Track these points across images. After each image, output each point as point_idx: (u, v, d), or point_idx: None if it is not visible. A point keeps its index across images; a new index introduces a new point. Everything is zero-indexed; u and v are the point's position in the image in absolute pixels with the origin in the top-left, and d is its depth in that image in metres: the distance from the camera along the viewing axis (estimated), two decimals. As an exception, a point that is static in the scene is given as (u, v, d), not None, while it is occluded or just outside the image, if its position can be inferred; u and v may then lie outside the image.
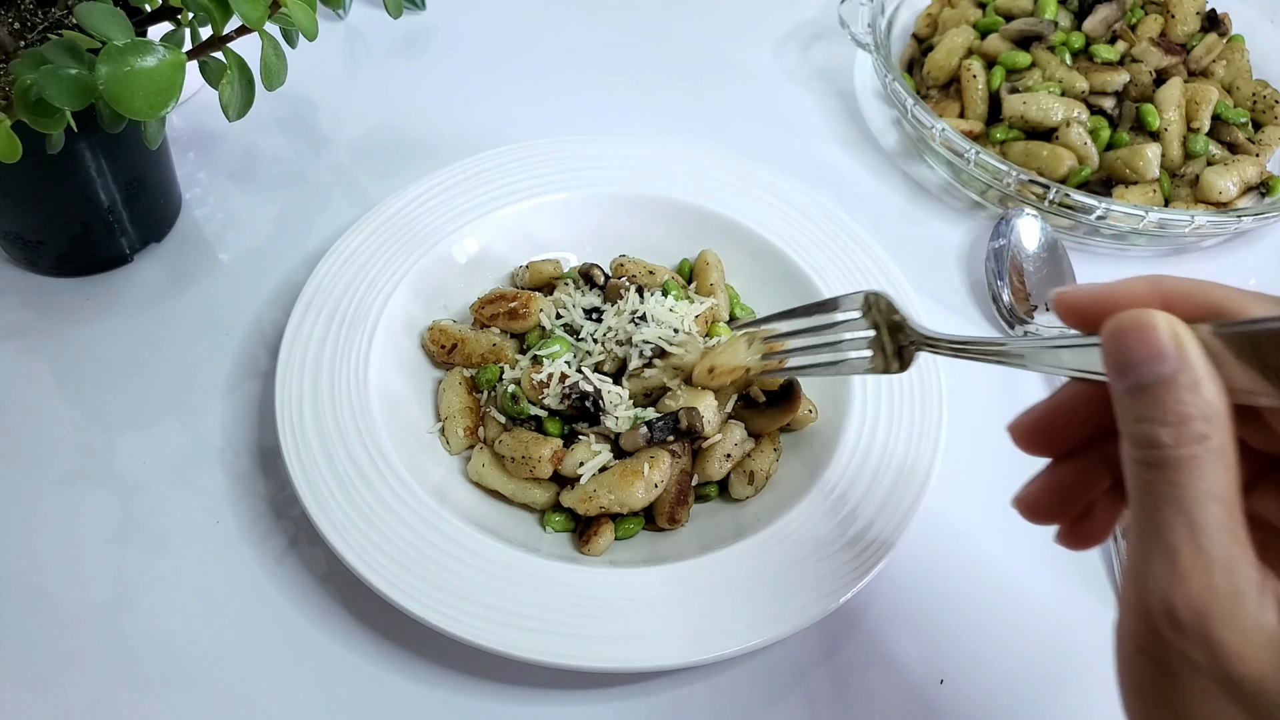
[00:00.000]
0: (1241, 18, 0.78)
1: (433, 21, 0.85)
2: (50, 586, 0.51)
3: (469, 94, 0.79)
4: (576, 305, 0.58)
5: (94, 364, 0.60)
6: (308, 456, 0.51)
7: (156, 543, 0.53)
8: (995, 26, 0.77)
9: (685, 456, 0.53)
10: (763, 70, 0.83)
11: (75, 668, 0.48)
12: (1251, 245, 0.72)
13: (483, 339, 0.58)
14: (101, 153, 0.58)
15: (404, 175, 0.70)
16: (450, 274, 0.61)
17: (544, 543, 0.52)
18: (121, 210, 0.61)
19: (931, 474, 0.52)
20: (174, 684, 0.48)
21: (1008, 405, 0.63)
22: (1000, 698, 0.50)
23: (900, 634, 0.52)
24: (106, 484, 0.55)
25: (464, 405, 0.56)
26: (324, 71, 0.79)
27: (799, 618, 0.47)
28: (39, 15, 0.53)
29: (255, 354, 0.61)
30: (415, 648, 0.50)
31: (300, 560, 0.52)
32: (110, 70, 0.43)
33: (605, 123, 0.78)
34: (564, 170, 0.65)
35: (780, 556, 0.49)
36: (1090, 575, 0.54)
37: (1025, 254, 0.68)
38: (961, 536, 0.56)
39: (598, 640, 0.46)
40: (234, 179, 0.71)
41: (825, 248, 0.62)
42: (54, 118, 0.46)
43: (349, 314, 0.57)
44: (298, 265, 0.65)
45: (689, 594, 0.48)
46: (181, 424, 0.57)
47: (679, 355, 0.53)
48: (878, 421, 0.55)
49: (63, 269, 0.63)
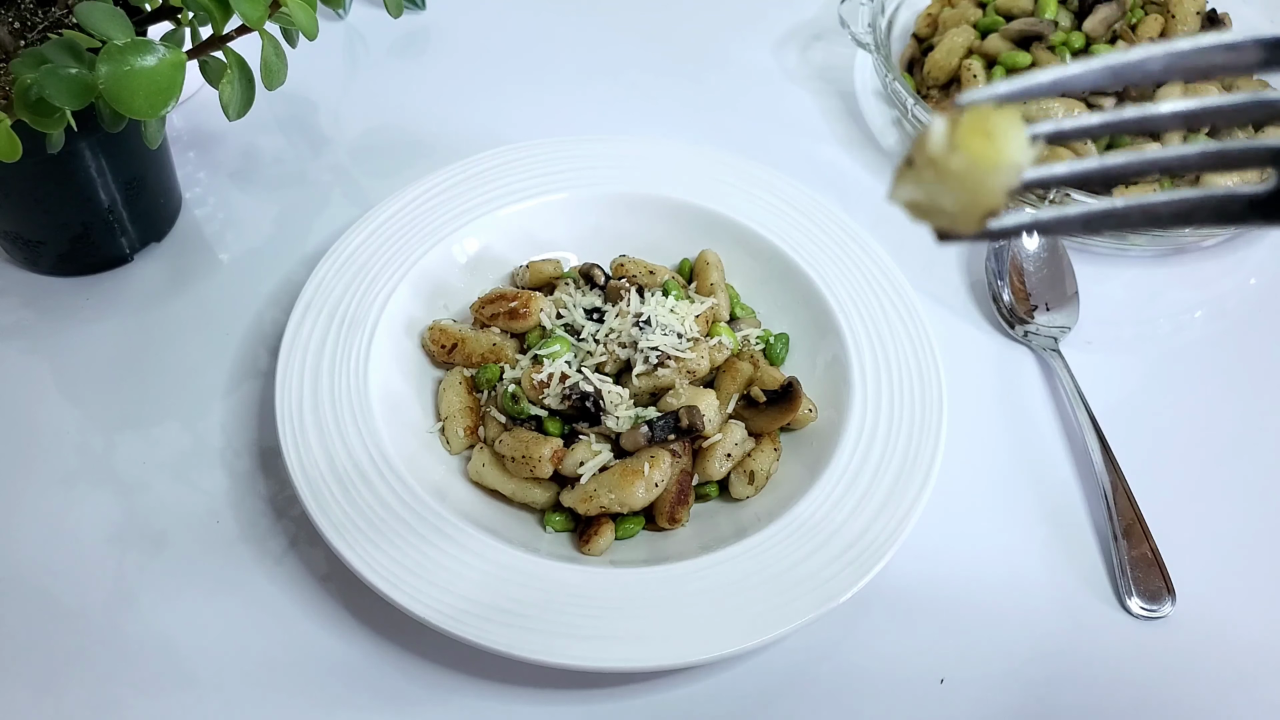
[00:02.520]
0: (1241, 18, 0.78)
1: (433, 21, 0.85)
2: (51, 586, 0.51)
3: (469, 94, 0.79)
4: (577, 305, 0.58)
5: (94, 364, 0.60)
6: (308, 456, 0.51)
7: (157, 542, 0.53)
8: (995, 26, 0.77)
9: (685, 456, 0.53)
10: (763, 70, 0.83)
11: (76, 667, 0.48)
12: (1252, 245, 0.72)
13: (483, 339, 0.58)
14: (101, 152, 0.58)
15: (404, 175, 0.70)
16: (450, 274, 0.61)
17: (544, 542, 0.52)
18: (121, 210, 0.61)
19: (931, 474, 0.52)
20: (174, 683, 0.48)
21: (1008, 405, 0.63)
22: (1000, 698, 0.50)
23: (900, 634, 0.52)
24: (107, 484, 0.55)
25: (464, 405, 0.56)
26: (324, 71, 0.79)
27: (799, 618, 0.47)
28: (39, 15, 0.53)
29: (255, 354, 0.61)
30: (415, 647, 0.50)
31: (300, 560, 0.52)
32: (110, 70, 0.43)
33: (605, 122, 0.78)
34: (564, 170, 0.65)
35: (780, 556, 0.49)
36: (1090, 575, 0.54)
37: (1025, 254, 0.68)
38: (961, 536, 0.56)
39: (598, 640, 0.46)
40: (234, 179, 0.71)
41: (825, 247, 0.62)
42: (54, 117, 0.46)
43: (349, 314, 0.57)
44: (298, 265, 0.65)
45: (689, 594, 0.48)
46: (182, 424, 0.57)
47: (689, 361, 0.54)
48: (878, 421, 0.55)
49: (63, 269, 0.63)
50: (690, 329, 0.56)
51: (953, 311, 0.67)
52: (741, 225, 0.63)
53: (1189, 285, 0.70)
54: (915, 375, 0.56)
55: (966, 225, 0.26)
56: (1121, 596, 0.53)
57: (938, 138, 0.25)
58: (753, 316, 0.62)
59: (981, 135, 0.24)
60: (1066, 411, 0.61)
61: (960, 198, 0.25)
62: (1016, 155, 0.24)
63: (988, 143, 0.24)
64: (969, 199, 0.25)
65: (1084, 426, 0.59)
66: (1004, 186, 0.25)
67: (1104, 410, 0.60)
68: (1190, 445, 0.61)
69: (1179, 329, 0.68)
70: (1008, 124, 0.24)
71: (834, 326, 0.59)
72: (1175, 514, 0.56)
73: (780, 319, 0.62)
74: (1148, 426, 0.61)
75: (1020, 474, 0.59)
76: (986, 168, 0.24)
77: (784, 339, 0.60)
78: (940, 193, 0.25)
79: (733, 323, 0.61)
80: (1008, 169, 0.24)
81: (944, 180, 0.25)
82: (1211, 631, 0.53)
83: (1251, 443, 0.61)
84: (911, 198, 0.26)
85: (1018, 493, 0.58)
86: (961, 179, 0.25)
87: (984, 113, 0.24)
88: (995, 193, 0.25)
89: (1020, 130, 0.24)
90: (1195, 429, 0.62)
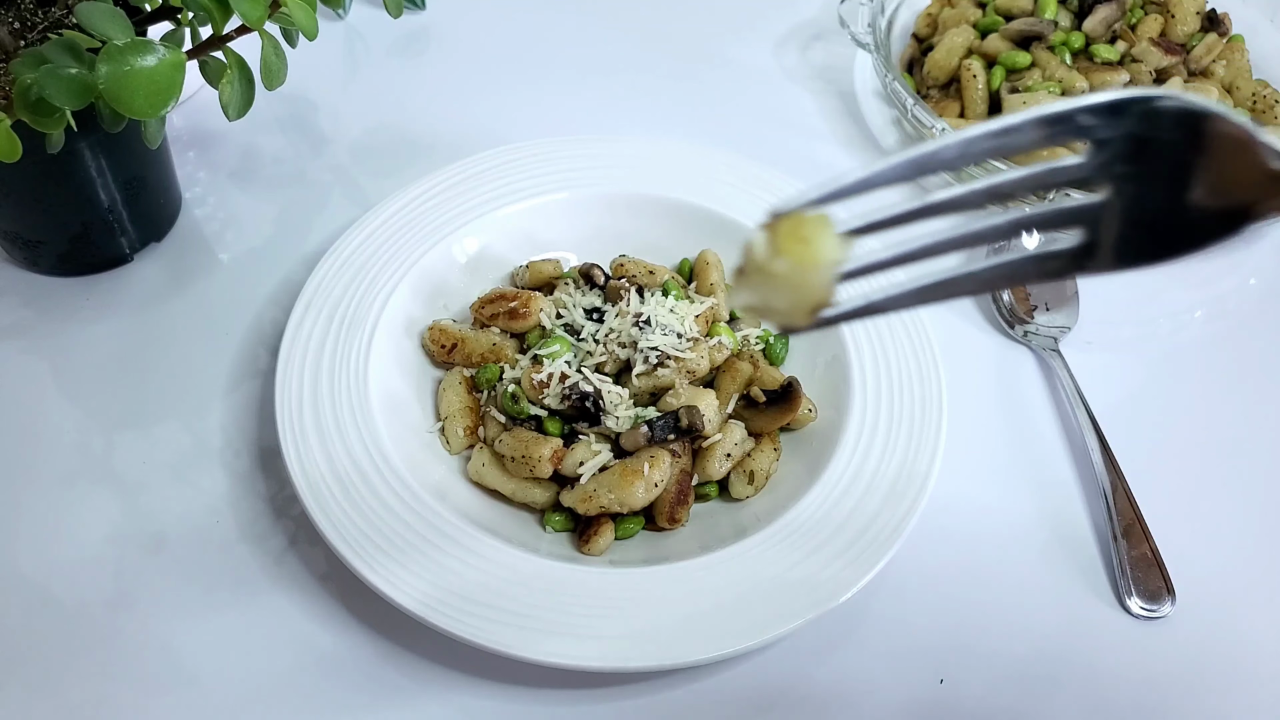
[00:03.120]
0: (1241, 18, 0.78)
1: (433, 21, 0.85)
2: (51, 586, 0.51)
3: (469, 94, 0.79)
4: (577, 305, 0.58)
5: (94, 364, 0.60)
6: (307, 456, 0.51)
7: (156, 542, 0.53)
8: (995, 26, 0.77)
9: (685, 456, 0.53)
10: (763, 70, 0.83)
11: (75, 666, 0.48)
12: (1251, 245, 0.72)
13: (483, 338, 0.58)
14: (101, 152, 0.58)
15: (404, 175, 0.70)
16: (450, 273, 0.61)
17: (544, 542, 0.52)
18: (121, 210, 0.61)
19: (931, 474, 0.52)
20: (173, 683, 0.48)
21: (1008, 405, 0.63)
22: (1000, 698, 0.50)
23: (900, 634, 0.52)
24: (106, 483, 0.55)
25: (464, 405, 0.56)
26: (324, 71, 0.79)
27: (799, 618, 0.47)
28: (39, 15, 0.53)
29: (255, 354, 0.61)
30: (414, 647, 0.49)
31: (300, 559, 0.52)
32: (110, 69, 0.43)
33: (605, 122, 0.78)
34: (564, 170, 0.65)
35: (780, 556, 0.49)
36: (1090, 575, 0.54)
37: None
38: (961, 536, 0.56)
39: (597, 640, 0.46)
40: (234, 179, 0.71)
41: (825, 247, 0.62)
42: (54, 117, 0.46)
43: (349, 313, 0.57)
44: (298, 265, 0.65)
45: (689, 594, 0.48)
46: (181, 424, 0.57)
47: (689, 361, 0.54)
48: (878, 421, 0.55)
49: (63, 269, 0.63)
50: (690, 329, 0.56)
51: (952, 311, 0.67)
52: (742, 225, 0.63)
53: (1189, 285, 0.70)
54: (915, 375, 0.56)
55: (800, 319, 0.28)
56: (1121, 596, 0.53)
57: (760, 247, 0.27)
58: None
59: (797, 240, 0.27)
60: (1066, 411, 0.61)
61: (789, 296, 0.28)
62: (830, 253, 0.27)
63: (804, 247, 0.27)
64: (796, 297, 0.28)
65: (1084, 426, 0.59)
66: (825, 282, 0.27)
67: (1104, 410, 0.60)
68: (1190, 445, 0.61)
69: (1179, 329, 0.68)
70: (819, 227, 0.27)
71: (834, 326, 0.59)
72: (1175, 514, 0.56)
73: (780, 319, 0.62)
74: (1148, 426, 0.61)
75: (1020, 474, 0.59)
76: (806, 268, 0.27)
77: (784, 339, 0.60)
78: (772, 294, 0.28)
79: (732, 323, 0.61)
80: (825, 266, 0.27)
81: (772, 284, 0.27)
82: (1211, 631, 0.53)
83: (1251, 443, 0.61)
84: (748, 302, 0.28)
85: (1017, 493, 0.58)
86: (786, 281, 0.27)
87: (798, 219, 0.27)
88: (819, 288, 0.27)
89: (830, 231, 0.27)
90: (1195, 429, 0.62)
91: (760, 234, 0.28)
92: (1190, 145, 0.26)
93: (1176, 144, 0.26)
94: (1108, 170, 0.27)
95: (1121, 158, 0.27)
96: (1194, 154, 0.26)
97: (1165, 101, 0.26)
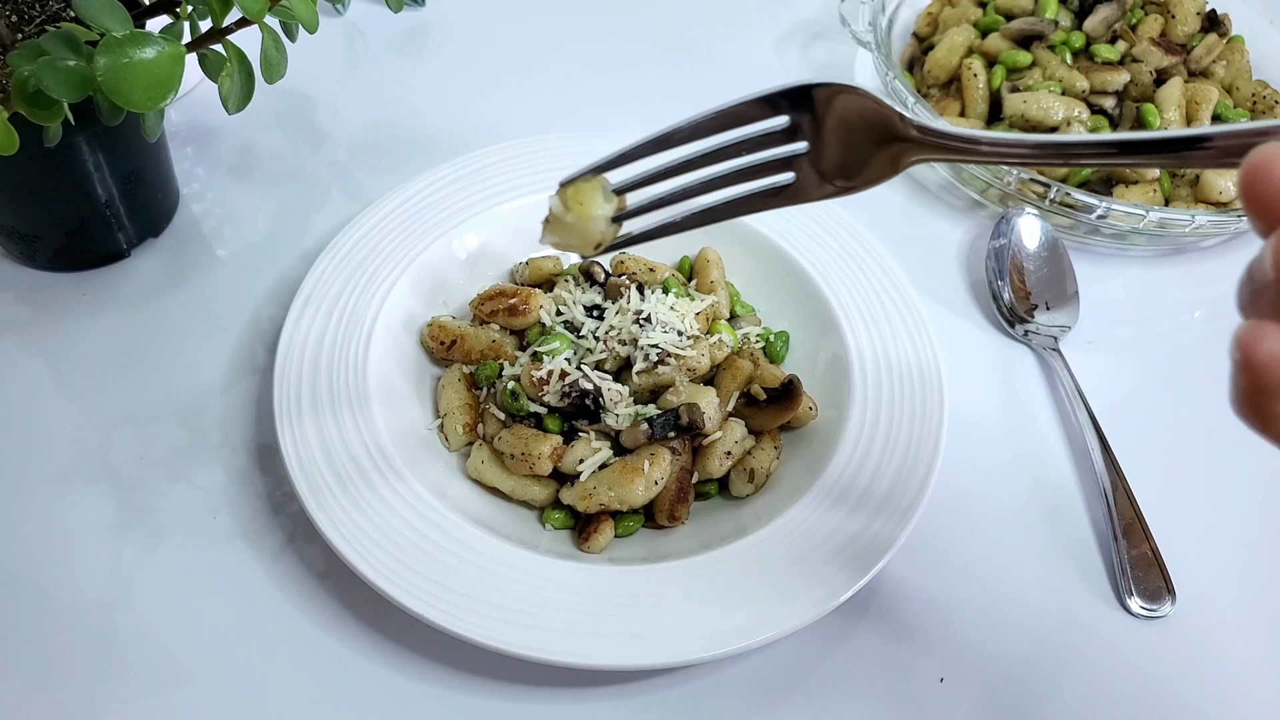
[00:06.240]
0: (1241, 18, 0.78)
1: (432, 17, 0.85)
2: (45, 583, 0.51)
3: (469, 89, 0.79)
4: (577, 302, 0.58)
5: (90, 359, 0.59)
6: (305, 453, 0.50)
7: (153, 539, 0.52)
8: (996, 25, 0.77)
9: (685, 454, 0.53)
10: (764, 68, 0.83)
11: (70, 664, 0.48)
12: (1251, 245, 0.72)
13: (482, 335, 0.57)
14: (99, 146, 0.57)
15: (403, 171, 0.70)
16: (450, 270, 0.61)
17: (543, 540, 0.52)
18: (119, 205, 0.61)
19: (932, 472, 0.52)
20: (170, 681, 0.48)
21: (1008, 404, 0.63)
22: (1000, 698, 0.50)
23: (900, 634, 0.52)
24: (102, 480, 0.54)
25: (463, 402, 0.56)
26: (323, 67, 0.79)
27: (799, 617, 0.47)
28: (37, 7, 0.53)
29: (253, 350, 0.60)
30: (413, 645, 0.49)
31: (298, 557, 0.52)
32: (109, 62, 0.43)
33: (605, 119, 0.78)
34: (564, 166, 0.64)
35: (780, 555, 0.49)
36: (1090, 575, 0.54)
37: (1026, 253, 0.68)
38: (961, 536, 0.55)
39: (597, 638, 0.46)
40: (232, 174, 0.71)
41: (826, 245, 0.62)
42: (52, 110, 0.46)
43: (348, 310, 0.57)
44: (296, 261, 0.65)
45: (689, 592, 0.48)
46: (179, 420, 0.57)
47: (689, 358, 0.54)
48: (878, 420, 0.55)
49: (59, 264, 0.63)
50: (690, 326, 0.56)
51: (953, 310, 0.67)
52: (741, 223, 0.63)
53: (1189, 285, 0.70)
54: (915, 374, 0.56)
55: (588, 251, 0.41)
56: (1121, 596, 0.53)
57: (556, 205, 0.40)
58: (753, 314, 0.62)
59: (577, 201, 0.40)
60: (1066, 411, 0.61)
61: (578, 238, 0.40)
62: (600, 209, 0.40)
63: (580, 205, 0.40)
64: (583, 238, 0.40)
65: (1084, 426, 0.59)
66: (600, 227, 0.40)
67: (1104, 410, 0.60)
68: (1190, 445, 0.61)
69: (1179, 329, 0.68)
70: (591, 190, 0.40)
71: (834, 324, 0.59)
72: (1175, 514, 0.56)
73: (780, 317, 0.62)
74: (1148, 426, 0.61)
75: (1020, 474, 0.59)
76: (584, 218, 0.40)
77: (784, 337, 0.60)
78: (567, 237, 0.40)
79: (733, 320, 0.61)
80: (598, 218, 0.40)
81: (566, 230, 0.40)
82: (1211, 631, 0.53)
83: (1251, 442, 0.60)
84: (553, 240, 0.41)
85: (1018, 492, 0.58)
86: (574, 228, 0.40)
87: (578, 186, 0.40)
88: (596, 232, 0.40)
89: (598, 193, 0.40)
90: (1195, 429, 0.62)
91: (555, 196, 0.40)
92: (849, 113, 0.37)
93: (840, 112, 0.37)
94: (801, 130, 0.38)
95: (808, 123, 0.37)
96: (854, 118, 0.37)
97: (826, 86, 0.37)
